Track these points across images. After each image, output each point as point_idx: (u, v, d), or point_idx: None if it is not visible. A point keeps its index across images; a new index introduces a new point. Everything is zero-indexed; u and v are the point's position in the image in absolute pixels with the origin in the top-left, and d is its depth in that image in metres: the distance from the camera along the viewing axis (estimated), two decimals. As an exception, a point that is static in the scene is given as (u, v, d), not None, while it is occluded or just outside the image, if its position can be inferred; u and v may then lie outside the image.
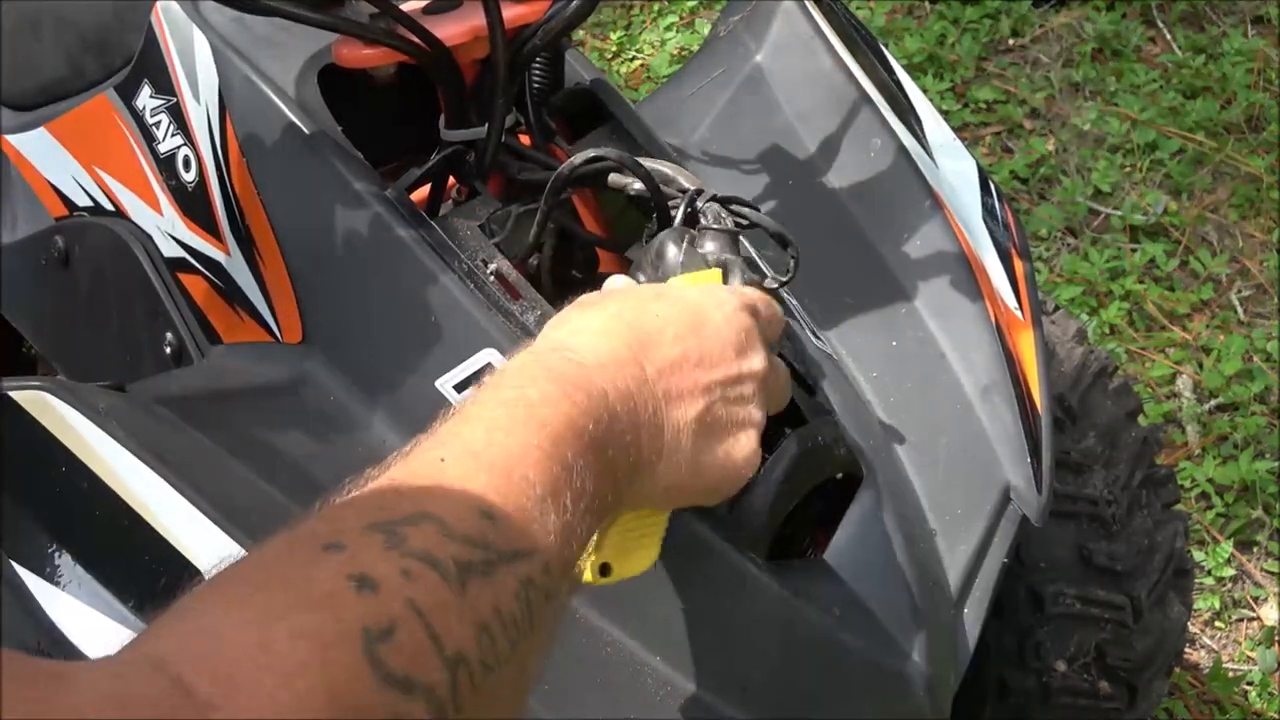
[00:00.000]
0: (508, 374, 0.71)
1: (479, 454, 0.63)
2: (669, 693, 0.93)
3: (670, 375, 0.77)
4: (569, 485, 0.65)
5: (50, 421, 0.93)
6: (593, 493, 0.67)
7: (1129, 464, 1.45)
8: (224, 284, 1.16)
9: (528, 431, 0.66)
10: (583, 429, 0.68)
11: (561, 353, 0.74)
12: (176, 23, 1.17)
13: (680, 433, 0.77)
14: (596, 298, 0.83)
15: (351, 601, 0.52)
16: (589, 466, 0.67)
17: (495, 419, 0.66)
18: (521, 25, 1.03)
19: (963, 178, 1.29)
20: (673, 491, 0.79)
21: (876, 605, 0.97)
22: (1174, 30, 2.95)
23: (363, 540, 0.55)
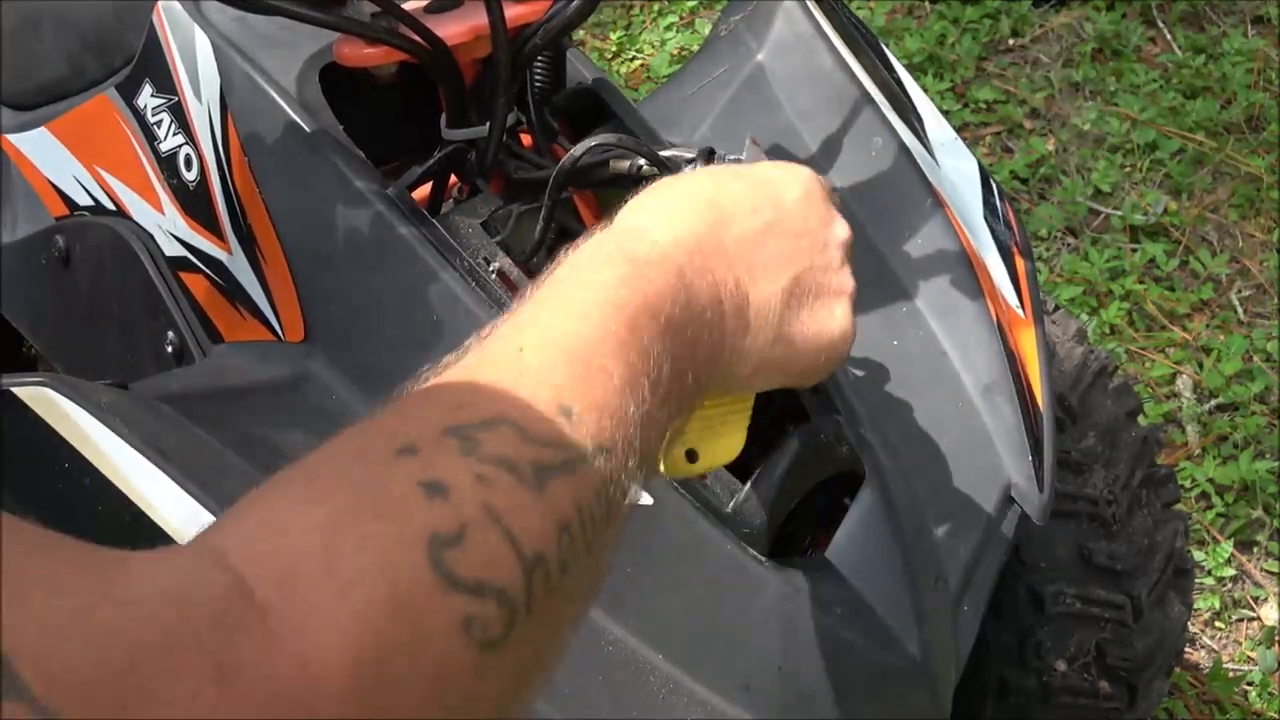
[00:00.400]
0: (583, 255, 0.69)
1: (556, 342, 0.62)
2: (671, 690, 0.93)
3: (752, 247, 0.75)
4: (647, 372, 0.63)
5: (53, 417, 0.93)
6: (671, 377, 0.65)
7: (1129, 464, 1.46)
8: (225, 283, 1.16)
9: (604, 316, 0.63)
10: (659, 310, 0.66)
11: (637, 232, 0.71)
12: (178, 22, 1.17)
13: (767, 306, 0.75)
14: (668, 181, 0.80)
15: (421, 508, 0.51)
16: (667, 350, 0.65)
17: (572, 303, 0.64)
18: (523, 24, 1.03)
19: (964, 176, 1.29)
20: (763, 371, 0.77)
21: (877, 603, 0.97)
22: (1174, 30, 2.95)
23: (437, 445, 0.54)
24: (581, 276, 0.67)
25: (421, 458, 0.53)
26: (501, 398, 0.58)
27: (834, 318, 0.79)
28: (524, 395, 0.58)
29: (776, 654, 0.94)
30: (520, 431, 0.56)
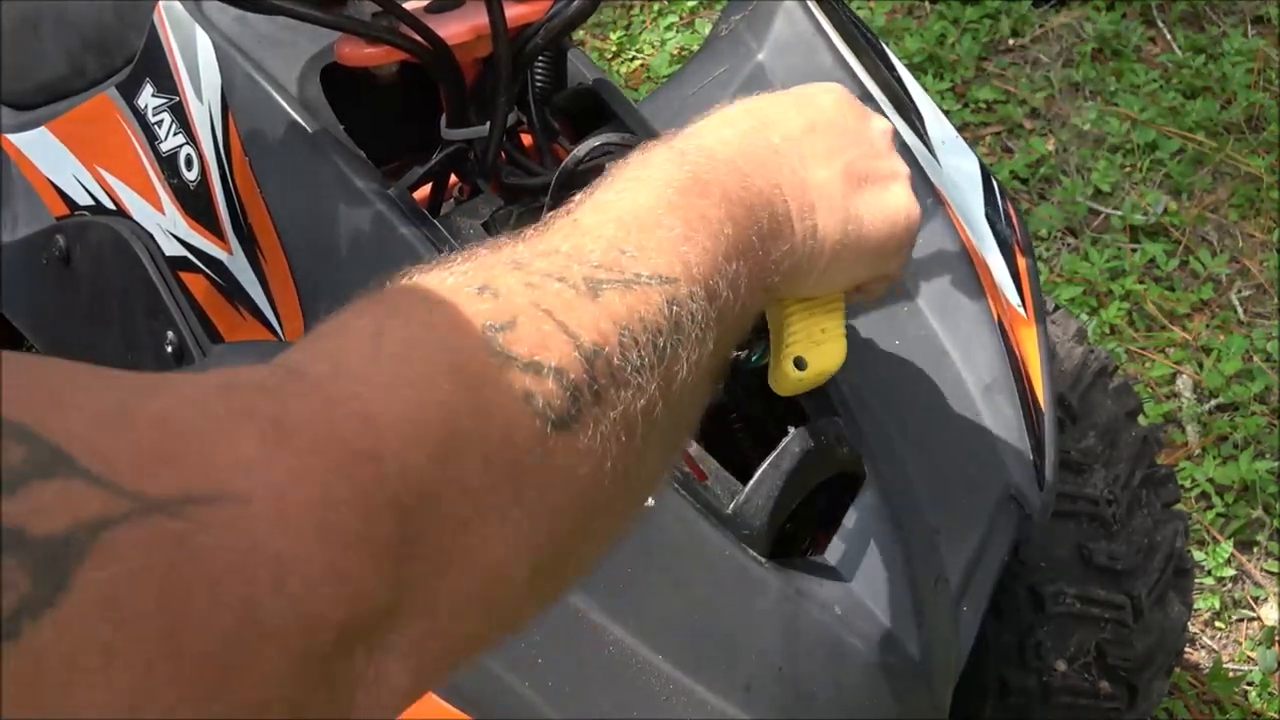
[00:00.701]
0: (630, 159, 0.72)
1: (610, 207, 0.64)
2: (672, 691, 0.93)
3: (801, 141, 0.78)
4: (706, 228, 0.65)
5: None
6: (734, 237, 0.67)
7: (1129, 464, 1.46)
8: (226, 283, 1.16)
9: (656, 188, 0.66)
10: (715, 184, 0.68)
11: (684, 137, 0.74)
12: (179, 21, 1.17)
13: (827, 186, 0.77)
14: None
15: (471, 301, 0.53)
16: (728, 216, 0.67)
17: (624, 184, 0.67)
18: (523, 24, 1.03)
19: (965, 175, 1.29)
20: (843, 257, 0.79)
21: (877, 603, 0.97)
22: (1174, 30, 2.95)
23: (489, 264, 0.57)
24: (631, 171, 0.69)
25: (473, 270, 0.56)
26: (556, 247, 0.60)
27: (894, 194, 0.82)
28: (580, 242, 0.61)
29: (777, 655, 0.94)
30: (573, 258, 0.59)
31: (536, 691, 0.92)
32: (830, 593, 0.96)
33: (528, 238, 0.62)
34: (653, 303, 0.59)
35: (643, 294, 0.59)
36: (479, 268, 0.57)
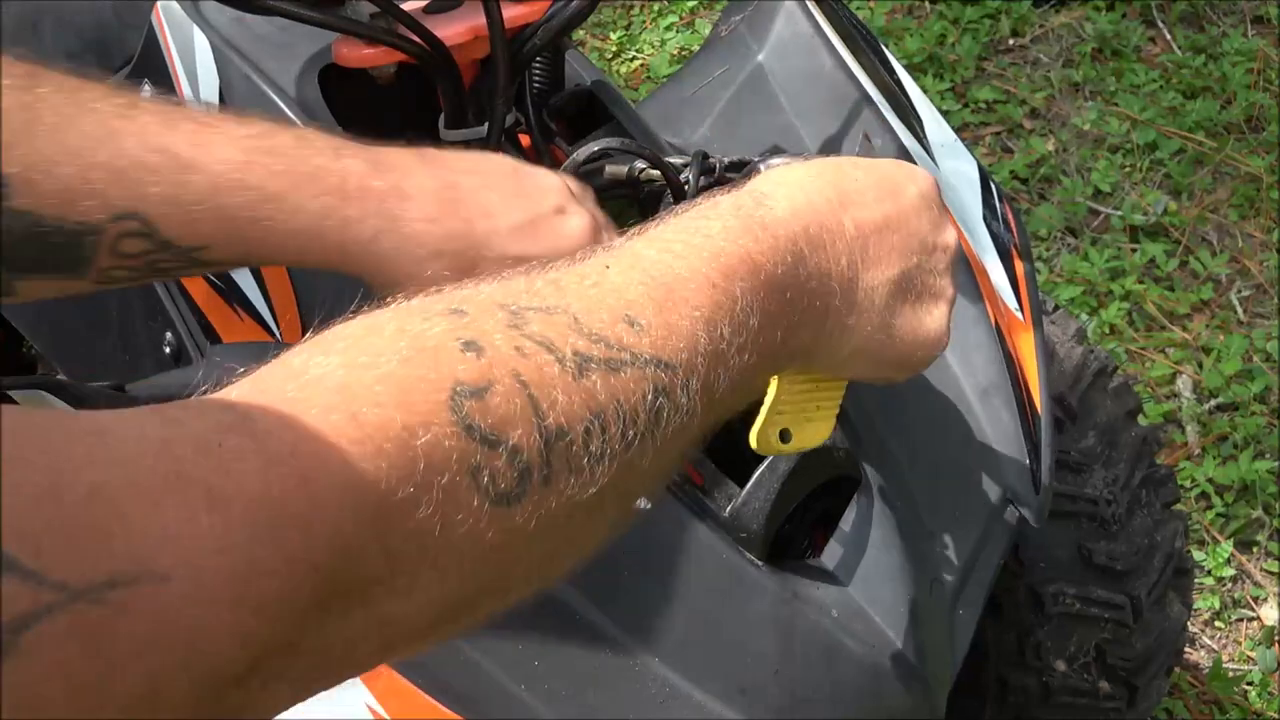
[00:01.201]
0: (697, 206, 0.70)
1: (643, 267, 0.63)
2: (668, 693, 0.93)
3: (869, 235, 0.76)
4: (730, 316, 0.64)
5: (50, 421, 0.93)
6: (757, 331, 0.65)
7: (1129, 464, 1.46)
8: (224, 284, 1.15)
9: (699, 259, 0.64)
10: (760, 267, 0.66)
11: (757, 196, 0.72)
12: (177, 22, 1.17)
13: (875, 292, 0.76)
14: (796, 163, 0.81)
15: (451, 359, 0.52)
16: (760, 305, 0.66)
17: (670, 242, 0.65)
18: (521, 25, 1.03)
19: (963, 178, 1.29)
20: (860, 356, 0.78)
21: (873, 607, 0.97)
22: (1174, 30, 2.95)
23: (487, 313, 0.56)
24: (686, 222, 0.68)
25: (468, 319, 0.55)
26: (570, 295, 0.59)
27: (933, 318, 0.81)
28: (593, 297, 0.60)
29: (773, 657, 0.94)
30: (575, 322, 0.57)
31: (533, 694, 0.92)
32: (826, 596, 0.96)
33: (550, 273, 0.61)
34: (638, 391, 0.58)
35: (631, 380, 0.58)
36: (478, 314, 0.55)
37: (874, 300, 0.76)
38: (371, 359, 0.51)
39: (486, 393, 0.52)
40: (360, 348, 0.52)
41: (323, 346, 0.52)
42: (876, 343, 0.78)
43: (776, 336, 0.68)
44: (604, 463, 0.56)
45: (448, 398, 0.51)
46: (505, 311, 0.56)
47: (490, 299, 0.57)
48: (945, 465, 1.12)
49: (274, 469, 0.46)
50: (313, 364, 0.51)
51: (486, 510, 0.51)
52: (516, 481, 0.52)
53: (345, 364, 0.51)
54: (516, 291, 0.58)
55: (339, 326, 0.54)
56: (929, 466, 1.11)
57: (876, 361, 0.80)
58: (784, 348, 0.70)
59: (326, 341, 0.53)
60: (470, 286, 0.58)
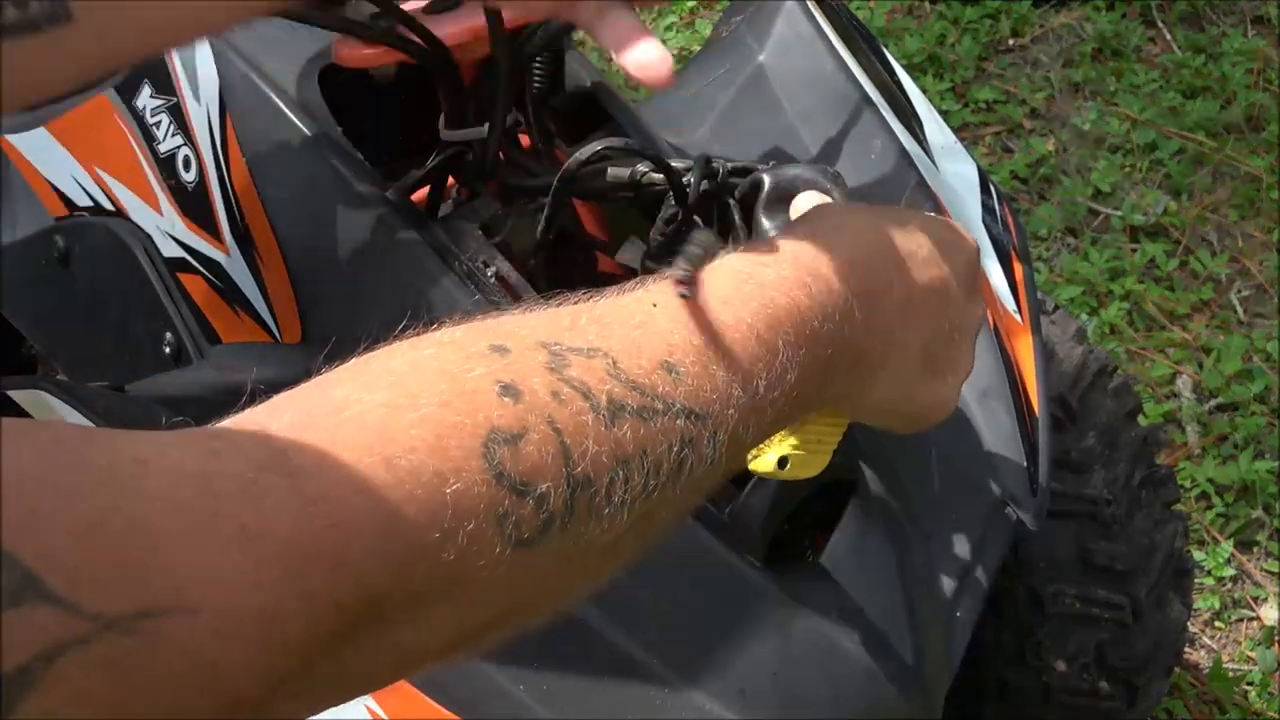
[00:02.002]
0: (757, 245, 0.70)
1: (693, 312, 0.63)
2: (667, 694, 0.93)
3: (914, 298, 0.76)
4: (769, 369, 0.64)
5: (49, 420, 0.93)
6: (793, 385, 0.66)
7: (1129, 464, 1.46)
8: (224, 284, 1.16)
9: (747, 308, 0.64)
10: (808, 321, 0.67)
11: (818, 243, 0.71)
12: (176, 22, 1.17)
13: (907, 356, 0.76)
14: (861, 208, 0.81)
15: (489, 403, 0.53)
16: (798, 360, 0.66)
17: (721, 287, 0.65)
18: (522, 25, 1.03)
19: (963, 180, 1.29)
20: (882, 407, 0.79)
21: (871, 608, 0.97)
22: (1174, 30, 2.95)
23: (529, 353, 0.56)
24: (743, 266, 0.68)
25: (509, 359, 0.56)
26: (612, 335, 0.60)
27: (947, 386, 0.81)
28: (635, 339, 0.60)
29: (771, 659, 0.94)
30: (614, 366, 0.58)
31: (531, 695, 0.92)
32: (825, 597, 0.96)
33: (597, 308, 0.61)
34: (665, 442, 0.58)
35: (660, 430, 0.58)
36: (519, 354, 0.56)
37: (904, 365, 0.76)
38: (411, 400, 0.52)
39: (521, 440, 0.53)
40: (402, 387, 0.53)
41: (367, 381, 0.53)
42: (892, 401, 0.78)
43: (811, 389, 0.68)
44: (625, 511, 0.57)
45: (482, 444, 0.52)
46: (546, 352, 0.57)
47: (533, 336, 0.58)
48: (943, 467, 1.12)
49: (307, 510, 0.47)
50: (354, 400, 0.52)
51: (508, 554, 0.53)
52: (540, 529, 0.54)
53: (386, 403, 0.52)
54: (560, 329, 0.59)
55: (385, 357, 0.56)
56: (927, 468, 1.11)
57: (887, 415, 0.80)
58: (816, 399, 0.71)
59: (372, 375, 0.54)
60: (515, 316, 0.59)
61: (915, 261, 0.76)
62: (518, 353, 0.56)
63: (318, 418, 0.51)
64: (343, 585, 0.47)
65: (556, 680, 0.93)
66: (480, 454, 0.52)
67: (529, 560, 0.54)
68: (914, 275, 0.76)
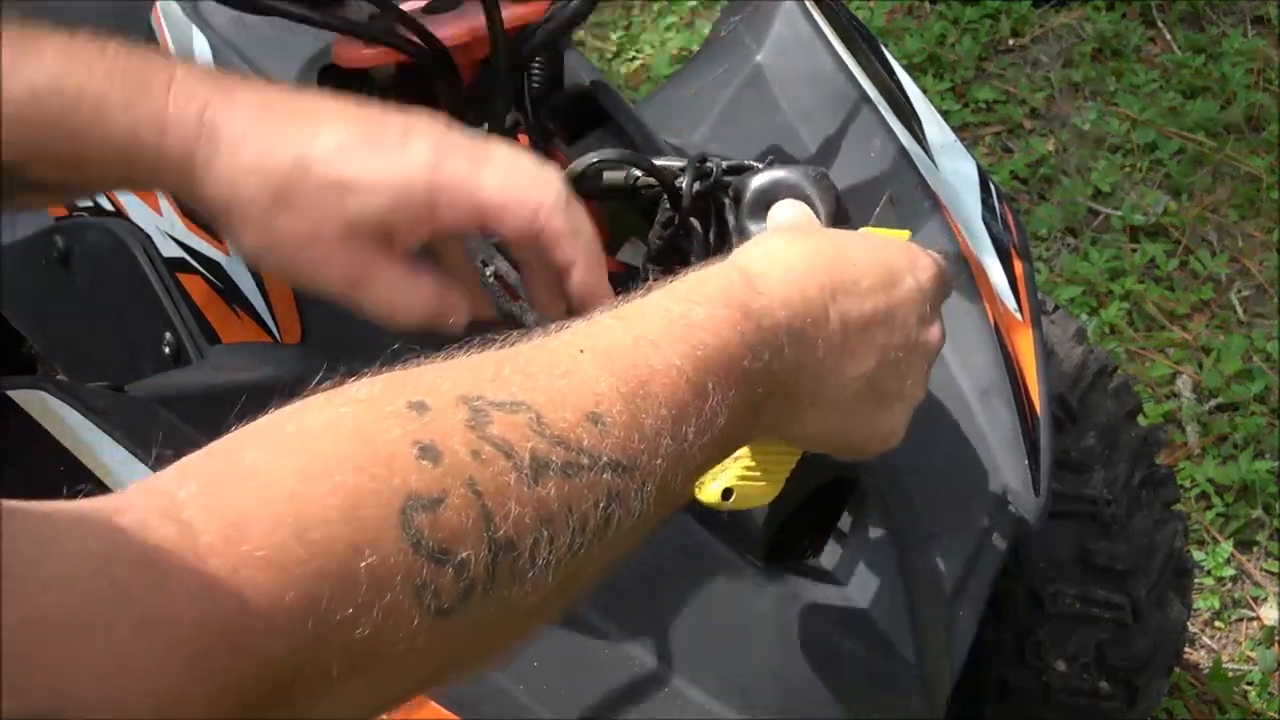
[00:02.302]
0: (686, 282, 0.68)
1: (618, 356, 0.61)
2: (668, 694, 0.93)
3: (853, 328, 0.74)
4: (698, 414, 0.62)
5: (47, 420, 0.93)
6: (724, 428, 0.64)
7: (1129, 464, 1.46)
8: (223, 284, 1.15)
9: (675, 350, 0.62)
10: (737, 361, 0.65)
11: (749, 277, 0.70)
12: (176, 22, 1.17)
13: (845, 388, 0.74)
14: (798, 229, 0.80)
15: (406, 467, 0.51)
16: (728, 401, 0.64)
17: (650, 328, 0.63)
18: (521, 25, 1.03)
19: (962, 178, 1.29)
20: (813, 439, 0.78)
21: (872, 607, 0.97)
22: (1174, 30, 2.95)
23: (449, 409, 0.54)
24: (673, 305, 0.66)
25: (428, 418, 0.53)
26: (537, 386, 0.58)
27: (893, 416, 0.79)
28: (560, 390, 0.58)
29: (772, 658, 0.94)
30: (538, 421, 0.56)
31: (531, 694, 0.92)
32: (826, 596, 0.96)
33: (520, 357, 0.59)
34: (591, 498, 0.56)
35: (586, 485, 0.56)
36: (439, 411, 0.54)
37: (840, 396, 0.75)
38: (324, 466, 0.50)
39: (440, 505, 0.51)
40: (316, 451, 0.51)
41: (279, 445, 0.51)
42: (827, 434, 0.77)
43: (739, 428, 0.67)
44: (549, 572, 0.55)
45: (399, 511, 0.50)
46: (467, 408, 0.54)
47: (454, 389, 0.55)
48: (944, 466, 1.12)
49: (212, 591, 0.45)
50: (264, 467, 0.49)
51: (426, 624, 0.50)
52: (460, 597, 0.51)
53: (299, 470, 0.49)
54: (483, 381, 0.57)
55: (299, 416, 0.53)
56: (928, 467, 1.11)
57: (821, 446, 0.79)
58: (744, 436, 0.70)
59: (284, 438, 0.51)
60: (437, 367, 0.57)
61: (858, 291, 0.74)
62: (437, 410, 0.54)
63: (227, 487, 0.48)
64: (246, 667, 0.45)
65: (556, 680, 0.93)
66: (397, 522, 0.50)
67: (448, 629, 0.51)
68: (854, 305, 0.74)
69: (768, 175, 0.91)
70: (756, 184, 0.90)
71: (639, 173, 0.96)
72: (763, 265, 0.71)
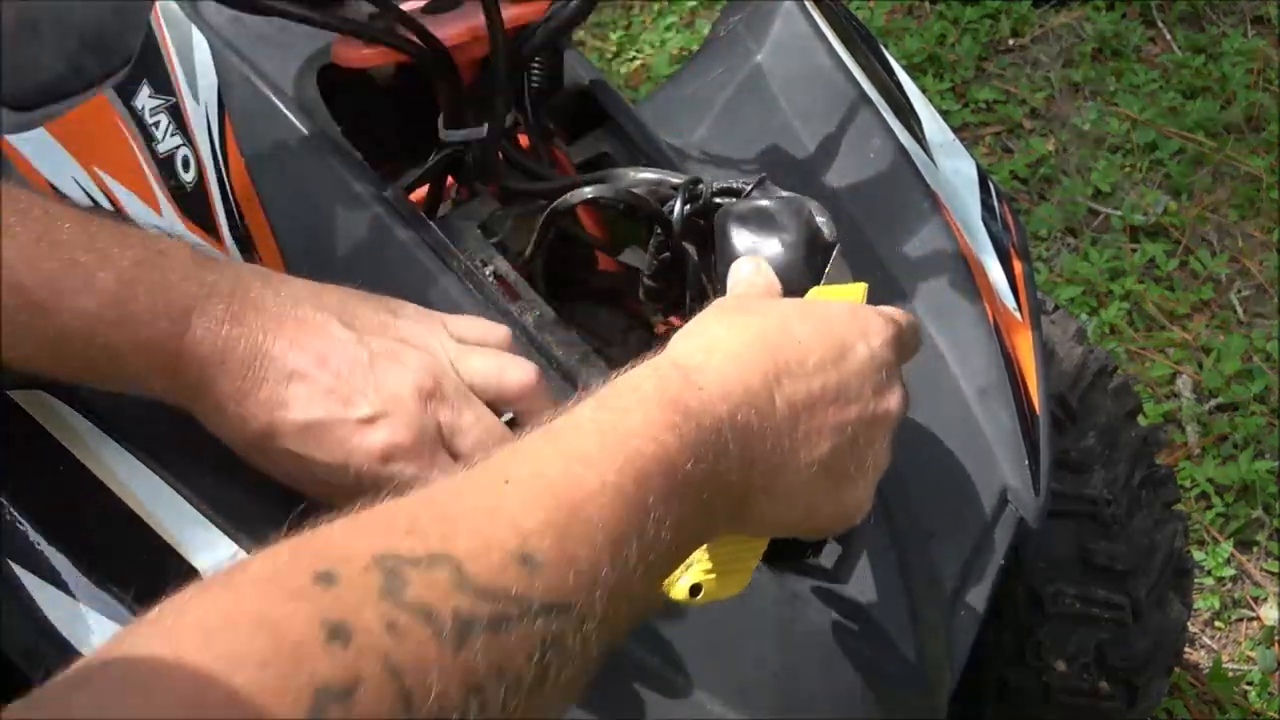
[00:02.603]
0: (618, 386, 0.65)
1: (547, 482, 0.57)
2: (667, 694, 0.93)
3: (802, 412, 0.70)
4: (640, 533, 0.58)
5: (48, 421, 0.93)
6: (672, 541, 0.60)
7: (1129, 464, 1.45)
8: (223, 284, 1.15)
9: (611, 465, 0.58)
10: (679, 467, 0.61)
11: (686, 372, 0.66)
12: (175, 22, 1.17)
13: (799, 477, 0.71)
14: (738, 305, 0.76)
15: (315, 654, 0.47)
16: (673, 512, 0.60)
17: (581, 445, 0.59)
18: (521, 25, 1.03)
19: (962, 178, 1.29)
20: (777, 529, 0.75)
21: (872, 607, 0.97)
22: (1174, 30, 2.95)
23: (360, 577, 0.50)
24: (604, 415, 0.62)
25: (336, 590, 0.49)
26: (458, 531, 0.53)
27: (855, 491, 0.76)
28: (485, 532, 0.54)
29: (772, 658, 0.94)
30: (460, 574, 0.52)
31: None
32: (826, 597, 0.96)
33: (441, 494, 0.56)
34: (524, 651, 0.52)
35: (517, 638, 0.52)
36: (349, 581, 0.49)
37: (798, 482, 0.71)
38: (226, 664, 0.46)
39: (353, 694, 0.47)
40: (216, 646, 0.47)
41: (176, 640, 0.47)
42: (790, 521, 0.74)
43: (688, 536, 0.63)
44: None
45: (309, 708, 0.46)
46: (380, 572, 0.50)
47: (366, 551, 0.51)
48: (944, 465, 1.12)
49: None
50: (160, 670, 0.45)
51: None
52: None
53: (197, 673, 0.45)
54: (397, 535, 0.53)
55: (197, 604, 0.49)
56: (928, 467, 1.11)
57: (789, 531, 0.77)
58: (699, 540, 0.66)
59: (182, 633, 0.47)
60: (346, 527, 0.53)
61: (804, 371, 0.71)
62: (347, 579, 0.50)
63: (119, 697, 0.44)
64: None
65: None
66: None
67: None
68: (801, 387, 0.70)
69: (746, 206, 0.91)
70: (737, 213, 0.90)
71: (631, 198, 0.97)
72: (700, 356, 0.68)
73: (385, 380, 0.81)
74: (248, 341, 0.80)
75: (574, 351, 0.97)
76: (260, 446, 0.81)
